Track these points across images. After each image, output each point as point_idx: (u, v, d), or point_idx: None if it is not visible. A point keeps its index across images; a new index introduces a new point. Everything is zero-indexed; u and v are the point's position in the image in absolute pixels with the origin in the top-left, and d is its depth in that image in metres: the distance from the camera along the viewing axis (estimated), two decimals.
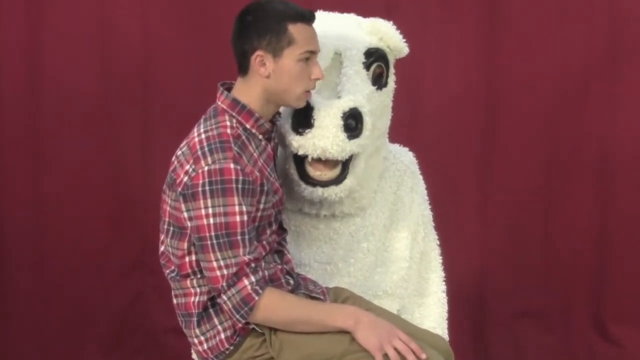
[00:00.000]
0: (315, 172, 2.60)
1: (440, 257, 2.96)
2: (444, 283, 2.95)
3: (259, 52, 2.42)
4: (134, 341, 4.01)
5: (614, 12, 4.01)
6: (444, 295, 2.95)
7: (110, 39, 3.89)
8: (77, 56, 3.89)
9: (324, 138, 2.51)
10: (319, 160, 2.57)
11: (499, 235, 4.09)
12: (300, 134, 2.53)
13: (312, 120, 2.52)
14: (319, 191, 2.61)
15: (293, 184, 2.65)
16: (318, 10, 2.79)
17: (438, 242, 2.97)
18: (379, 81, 2.69)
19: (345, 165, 2.61)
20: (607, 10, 4.01)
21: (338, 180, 2.61)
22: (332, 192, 2.62)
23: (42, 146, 3.91)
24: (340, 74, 2.64)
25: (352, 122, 2.53)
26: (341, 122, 2.51)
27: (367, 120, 2.57)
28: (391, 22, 2.75)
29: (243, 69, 2.46)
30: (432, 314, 2.90)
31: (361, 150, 2.60)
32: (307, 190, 2.62)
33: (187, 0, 3.92)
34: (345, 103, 2.54)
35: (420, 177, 2.95)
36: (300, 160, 2.61)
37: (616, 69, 4.03)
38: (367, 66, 2.66)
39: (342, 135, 2.52)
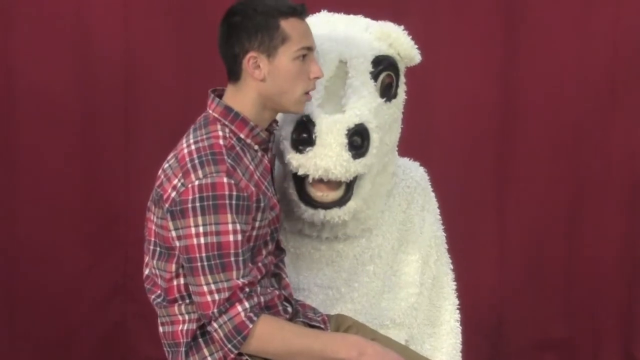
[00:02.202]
0: (316, 192, 2.60)
1: (454, 283, 2.96)
2: (457, 311, 2.95)
3: (251, 54, 2.42)
4: None
5: None
6: (458, 324, 2.94)
7: (89, 40, 3.89)
8: (53, 59, 3.89)
9: (326, 157, 2.51)
10: (320, 180, 2.57)
11: (518, 258, 4.09)
12: (300, 152, 2.53)
13: (313, 138, 2.52)
14: (321, 214, 2.61)
15: (292, 204, 2.65)
16: (322, 11, 2.80)
17: (451, 267, 2.97)
18: (387, 92, 2.69)
19: (349, 185, 2.61)
20: (636, 10, 4.01)
21: (341, 201, 2.61)
22: (334, 214, 2.62)
23: (13, 157, 3.91)
24: (345, 85, 2.64)
25: (358, 140, 2.54)
26: (345, 140, 2.51)
27: (374, 137, 2.57)
28: (402, 27, 2.75)
29: (234, 74, 2.46)
30: (445, 345, 2.90)
31: (367, 171, 2.60)
32: (307, 212, 2.62)
33: (173, 3, 3.93)
34: (350, 119, 2.53)
35: (432, 194, 2.95)
36: (300, 180, 2.60)
37: None
38: (375, 76, 2.66)
39: (347, 155, 2.51)
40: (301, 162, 2.54)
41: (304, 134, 2.53)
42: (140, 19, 3.91)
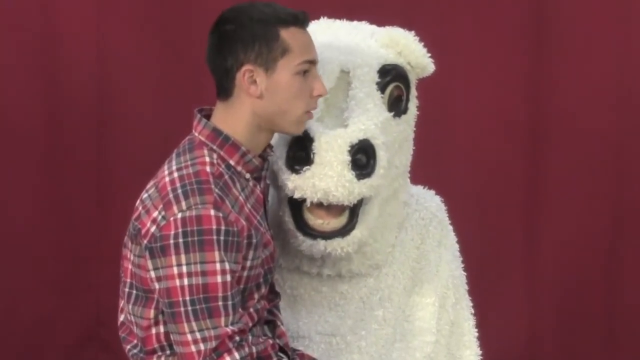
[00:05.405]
0: (315, 220, 2.60)
1: (476, 330, 2.96)
2: None
3: (247, 67, 2.43)
4: None
5: None
6: None
7: (58, 55, 3.90)
8: (18, 76, 3.89)
9: (326, 177, 2.52)
10: (320, 205, 2.58)
11: (550, 299, 4.09)
12: (296, 172, 2.54)
13: (311, 155, 2.53)
14: (321, 244, 2.61)
15: (288, 235, 2.65)
16: (321, 17, 2.82)
17: (472, 311, 2.97)
18: (397, 106, 2.70)
19: (353, 211, 2.61)
20: None
21: (344, 230, 2.61)
22: (336, 245, 2.62)
23: None
24: (348, 97, 2.65)
25: (362, 158, 2.54)
26: (348, 158, 2.52)
27: (381, 155, 2.58)
28: (412, 33, 2.77)
29: (225, 90, 2.47)
30: None
31: (373, 194, 2.60)
32: (305, 243, 2.62)
33: (151, 11, 3.94)
34: (354, 134, 2.54)
35: (450, 227, 2.96)
36: (297, 206, 2.61)
37: None
38: (382, 87, 2.67)
39: (349, 175, 2.52)
40: (297, 184, 2.54)
41: (300, 152, 2.54)
42: (115, 28, 3.92)
